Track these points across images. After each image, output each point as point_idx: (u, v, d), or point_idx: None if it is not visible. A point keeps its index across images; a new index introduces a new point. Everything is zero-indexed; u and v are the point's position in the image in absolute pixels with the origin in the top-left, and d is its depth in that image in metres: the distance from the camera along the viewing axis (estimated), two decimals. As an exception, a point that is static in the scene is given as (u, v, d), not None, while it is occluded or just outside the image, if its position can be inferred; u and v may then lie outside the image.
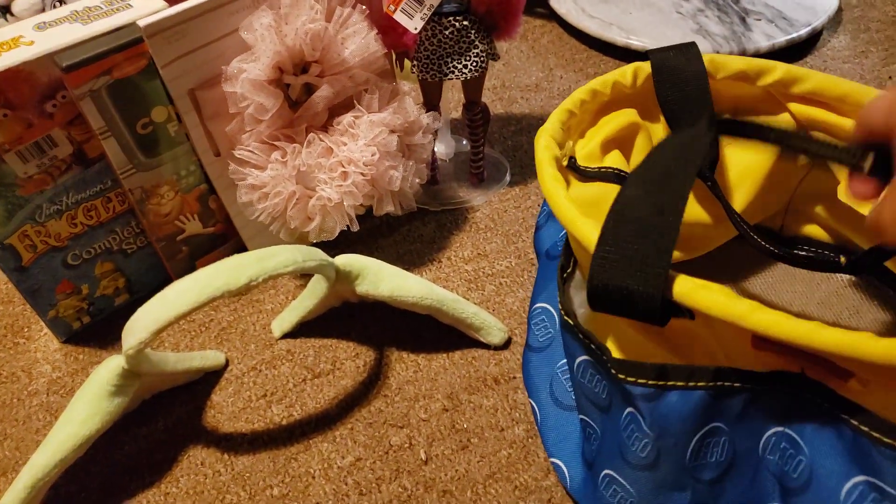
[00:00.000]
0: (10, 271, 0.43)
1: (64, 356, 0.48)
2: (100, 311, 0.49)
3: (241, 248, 0.53)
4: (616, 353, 0.32)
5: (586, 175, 0.40)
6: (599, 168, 0.40)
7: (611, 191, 0.39)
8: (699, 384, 0.28)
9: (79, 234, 0.45)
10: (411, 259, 0.54)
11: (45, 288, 0.45)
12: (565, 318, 0.34)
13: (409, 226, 0.56)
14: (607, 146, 0.42)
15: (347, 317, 0.50)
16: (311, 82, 0.45)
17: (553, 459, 0.39)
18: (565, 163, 0.39)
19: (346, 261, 0.43)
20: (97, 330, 0.50)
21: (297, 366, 0.47)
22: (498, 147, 0.63)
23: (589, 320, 0.35)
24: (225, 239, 0.52)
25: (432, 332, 0.48)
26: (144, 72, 0.41)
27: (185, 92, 0.43)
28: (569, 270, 0.38)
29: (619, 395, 0.31)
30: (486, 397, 0.44)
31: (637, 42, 0.72)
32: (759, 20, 0.74)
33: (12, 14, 0.62)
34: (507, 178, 0.60)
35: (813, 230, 0.47)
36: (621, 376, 0.30)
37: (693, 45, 0.42)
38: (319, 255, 0.41)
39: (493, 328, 0.46)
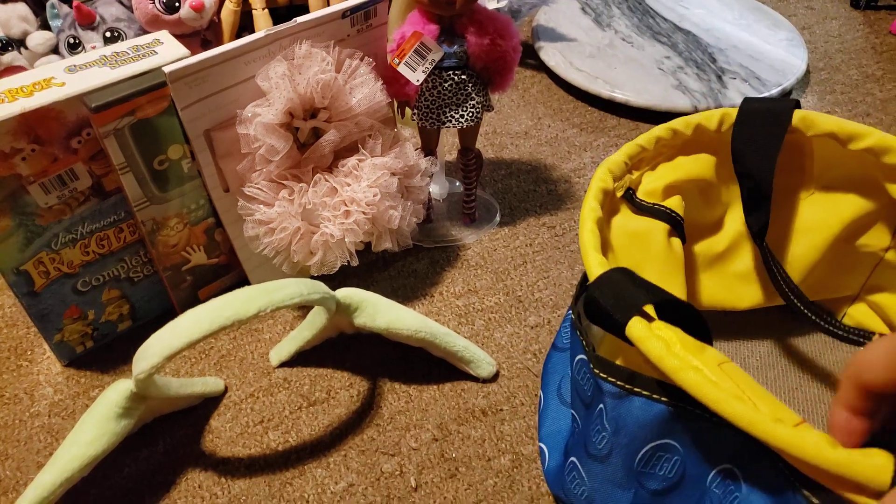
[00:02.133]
0: (22, 296, 0.45)
1: (66, 379, 0.50)
2: (103, 336, 0.51)
3: (242, 280, 0.55)
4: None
5: (640, 208, 0.42)
6: (654, 204, 0.42)
7: (657, 228, 0.41)
8: (661, 399, 0.31)
9: (90, 261, 0.47)
10: (405, 293, 0.56)
11: (53, 313, 0.47)
12: (574, 317, 0.37)
13: (404, 261, 0.59)
14: (670, 190, 0.43)
15: (343, 348, 0.52)
16: (319, 127, 0.49)
17: (540, 444, 0.42)
18: (620, 193, 0.41)
19: (346, 294, 0.46)
20: (98, 355, 0.51)
21: (294, 394, 0.49)
22: (489, 189, 0.67)
23: (609, 338, 0.38)
24: (227, 270, 0.55)
25: (423, 365, 0.50)
26: (165, 113, 0.44)
27: (200, 132, 0.45)
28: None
29: (597, 392, 0.34)
30: (475, 428, 0.46)
31: (620, 95, 0.77)
32: (735, 79, 0.79)
33: (27, 48, 0.65)
34: (497, 218, 0.64)
35: (877, 325, 0.47)
36: (596, 371, 0.33)
37: (792, 102, 0.42)
38: (322, 288, 0.43)
39: (482, 362, 0.49)
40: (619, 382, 0.32)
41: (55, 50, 0.66)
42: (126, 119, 0.42)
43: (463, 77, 0.52)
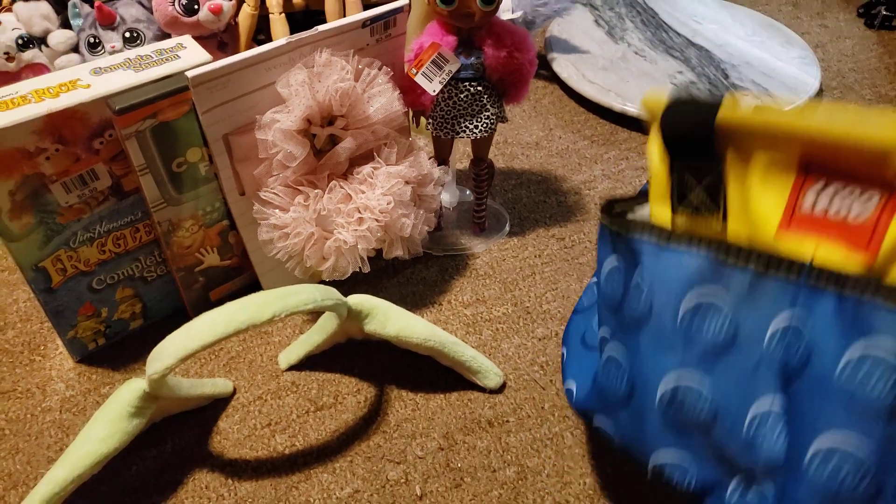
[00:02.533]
0: (39, 292, 0.45)
1: (77, 375, 0.50)
2: (115, 333, 0.52)
3: (254, 282, 0.55)
4: None
5: None
6: None
7: None
8: (700, 249, 0.31)
9: (106, 260, 0.47)
10: (414, 300, 0.57)
11: (68, 309, 0.48)
12: (602, 216, 0.37)
13: (413, 269, 0.60)
14: None
15: (351, 353, 0.52)
16: (336, 134, 0.49)
17: (567, 385, 0.42)
18: None
19: (357, 300, 0.46)
20: (110, 352, 0.52)
21: (301, 398, 0.49)
22: (499, 199, 0.67)
23: None
24: (239, 272, 0.55)
25: (431, 373, 0.50)
26: (185, 116, 0.44)
27: (219, 136, 0.46)
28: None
29: (630, 266, 0.34)
30: (480, 439, 0.47)
31: (632, 109, 0.77)
32: (747, 96, 0.80)
33: (48, 46, 0.66)
34: (507, 228, 0.64)
35: None
36: (632, 232, 0.33)
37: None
38: (335, 294, 0.44)
39: (489, 372, 0.49)
40: (655, 235, 0.32)
41: (75, 48, 0.67)
42: (148, 122, 0.42)
43: (479, 88, 0.53)
